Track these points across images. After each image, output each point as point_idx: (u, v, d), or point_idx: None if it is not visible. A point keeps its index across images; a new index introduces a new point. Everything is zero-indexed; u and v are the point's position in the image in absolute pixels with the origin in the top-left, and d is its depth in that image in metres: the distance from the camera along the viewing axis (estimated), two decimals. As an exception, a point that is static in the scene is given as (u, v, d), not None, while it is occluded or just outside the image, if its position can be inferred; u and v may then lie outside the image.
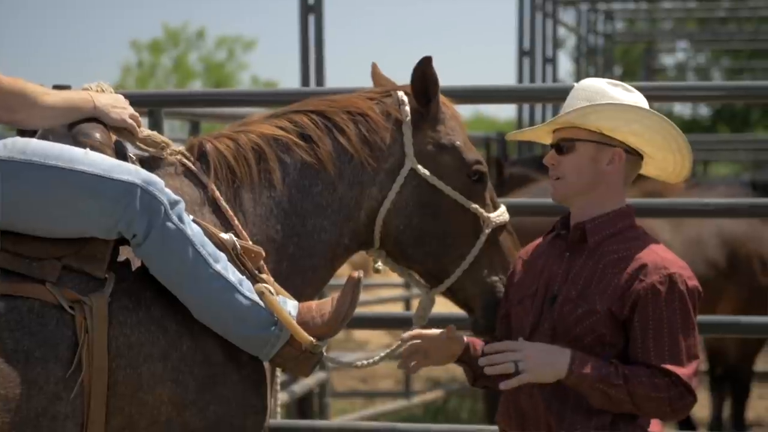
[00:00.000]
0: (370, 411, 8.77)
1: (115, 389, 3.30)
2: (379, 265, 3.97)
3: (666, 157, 3.57)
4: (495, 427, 5.36)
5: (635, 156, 3.54)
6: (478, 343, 3.65)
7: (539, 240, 3.69)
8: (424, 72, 3.80)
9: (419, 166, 3.80)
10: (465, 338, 3.64)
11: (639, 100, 3.52)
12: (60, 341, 3.26)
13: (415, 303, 11.41)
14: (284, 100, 5.11)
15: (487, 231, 3.87)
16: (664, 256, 3.43)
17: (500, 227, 3.93)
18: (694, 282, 3.41)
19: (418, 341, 3.62)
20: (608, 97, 3.48)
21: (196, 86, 38.26)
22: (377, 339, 14.36)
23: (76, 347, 3.26)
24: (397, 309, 12.36)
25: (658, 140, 3.52)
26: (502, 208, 3.96)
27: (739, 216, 6.59)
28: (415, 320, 4.04)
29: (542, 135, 3.68)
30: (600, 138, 3.48)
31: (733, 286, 8.19)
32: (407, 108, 3.83)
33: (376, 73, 4.07)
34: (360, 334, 14.56)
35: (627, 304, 3.38)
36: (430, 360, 3.66)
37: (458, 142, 3.87)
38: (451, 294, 3.94)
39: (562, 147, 3.52)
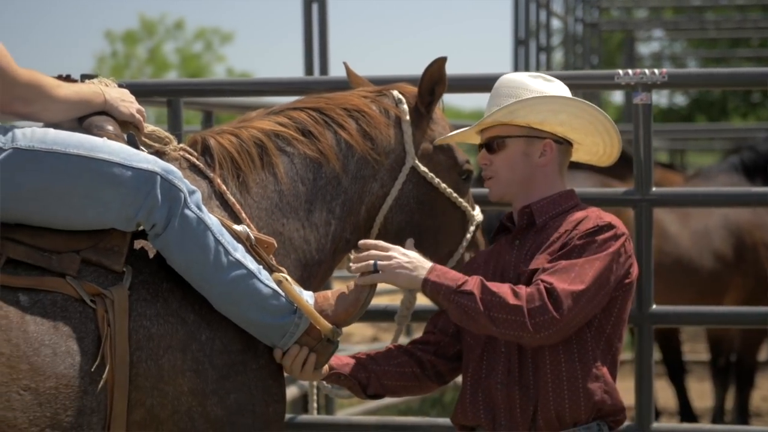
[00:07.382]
0: (371, 405, 8.69)
1: (136, 382, 3.29)
2: None
3: (595, 141, 3.64)
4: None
5: (566, 144, 3.61)
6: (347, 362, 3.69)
7: (483, 249, 3.78)
8: (436, 71, 3.84)
9: (419, 164, 3.85)
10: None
11: (560, 89, 3.59)
12: (84, 335, 3.25)
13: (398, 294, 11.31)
14: (299, 89, 5.08)
15: (473, 228, 3.99)
16: (608, 216, 3.46)
17: (477, 226, 4.03)
18: (627, 247, 3.40)
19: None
20: (530, 90, 3.53)
21: (172, 77, 37.97)
22: (361, 331, 14.30)
23: (99, 340, 3.24)
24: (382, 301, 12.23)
25: (585, 126, 3.58)
26: (478, 208, 4.06)
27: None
28: (398, 320, 3.99)
29: (471, 136, 3.73)
30: (529, 132, 3.54)
31: (740, 276, 8.17)
32: (405, 106, 3.88)
33: (351, 73, 4.13)
34: (344, 328, 14.42)
35: (564, 250, 3.39)
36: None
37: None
38: None
39: (492, 146, 3.56)
